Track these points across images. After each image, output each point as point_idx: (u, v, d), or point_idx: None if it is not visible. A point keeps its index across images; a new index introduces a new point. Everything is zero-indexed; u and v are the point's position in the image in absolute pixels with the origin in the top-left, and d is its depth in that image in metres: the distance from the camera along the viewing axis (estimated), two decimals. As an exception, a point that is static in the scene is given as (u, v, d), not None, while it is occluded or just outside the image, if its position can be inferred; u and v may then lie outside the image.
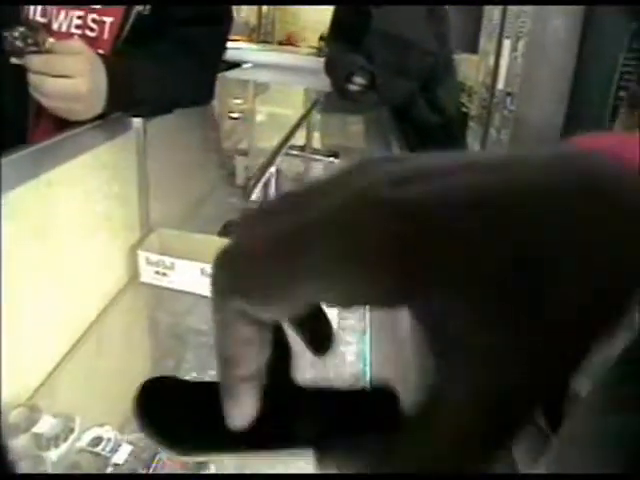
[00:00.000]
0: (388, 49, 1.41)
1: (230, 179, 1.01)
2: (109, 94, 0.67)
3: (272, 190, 0.64)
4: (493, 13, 3.43)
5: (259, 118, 1.98)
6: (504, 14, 3.17)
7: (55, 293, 0.57)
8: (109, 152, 0.68)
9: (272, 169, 0.62)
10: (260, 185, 0.60)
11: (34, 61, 0.64)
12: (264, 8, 4.82)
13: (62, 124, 0.66)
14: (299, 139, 1.18)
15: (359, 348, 0.60)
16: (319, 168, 1.23)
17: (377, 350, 0.60)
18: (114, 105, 0.69)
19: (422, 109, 1.54)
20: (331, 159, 1.24)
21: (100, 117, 0.68)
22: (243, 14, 4.54)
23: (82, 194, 0.63)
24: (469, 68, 2.89)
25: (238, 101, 2.24)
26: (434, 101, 1.57)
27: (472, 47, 3.95)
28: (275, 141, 0.89)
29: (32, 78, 0.64)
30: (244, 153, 1.16)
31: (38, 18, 0.79)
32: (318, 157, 1.25)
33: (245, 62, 2.51)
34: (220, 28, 0.95)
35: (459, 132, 1.72)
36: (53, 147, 0.62)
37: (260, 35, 4.28)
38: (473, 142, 3.48)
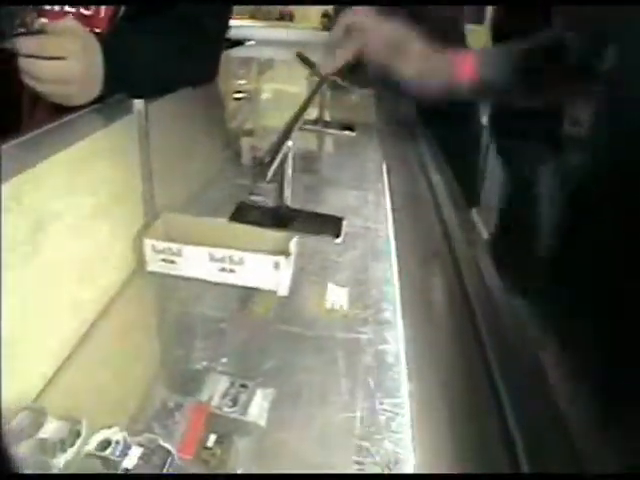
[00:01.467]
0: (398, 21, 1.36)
1: (236, 160, 0.98)
2: (106, 75, 0.64)
3: (289, 168, 0.62)
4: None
5: (264, 97, 1.93)
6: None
7: (58, 286, 0.54)
8: (109, 137, 0.65)
9: (289, 143, 0.59)
10: (276, 164, 0.57)
11: (24, 43, 0.60)
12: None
13: (58, 110, 0.63)
14: (310, 114, 1.14)
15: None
16: (335, 142, 1.19)
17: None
18: (112, 87, 0.66)
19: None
20: (347, 132, 1.19)
21: (98, 100, 0.65)
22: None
23: (82, 181, 0.60)
24: (475, 39, 2.83)
25: (242, 81, 2.20)
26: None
27: (479, 17, 3.87)
28: (281, 120, 0.85)
29: (22, 62, 0.60)
30: (250, 133, 1.13)
31: None
32: (333, 131, 1.20)
33: (248, 40, 2.47)
34: (222, 5, 0.91)
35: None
36: (50, 134, 0.59)
37: (261, 12, 4.22)
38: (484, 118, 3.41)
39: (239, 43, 2.33)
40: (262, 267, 0.58)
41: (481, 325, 0.45)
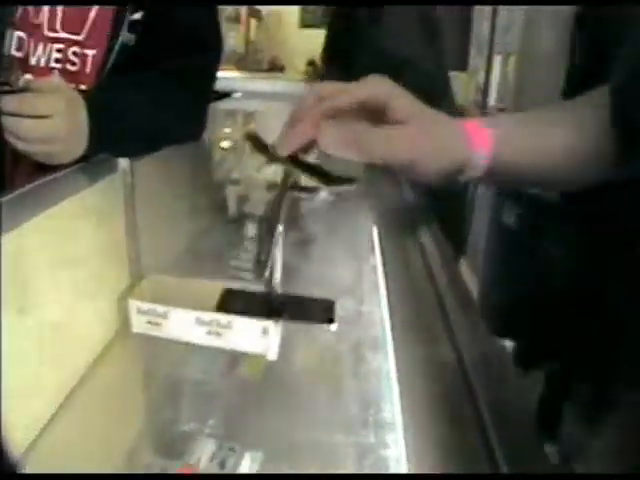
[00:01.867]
0: (383, 70, 1.37)
1: (223, 211, 0.97)
2: (91, 134, 0.63)
3: (279, 253, 0.57)
4: (482, 28, 3.43)
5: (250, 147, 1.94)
6: (493, 29, 3.17)
7: (40, 347, 0.52)
8: (94, 196, 0.64)
9: (279, 228, 0.56)
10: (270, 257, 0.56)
11: (7, 102, 0.59)
12: (251, 36, 4.83)
13: (42, 169, 0.62)
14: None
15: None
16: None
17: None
18: (97, 146, 0.65)
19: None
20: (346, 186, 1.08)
21: (82, 160, 0.64)
22: (231, 42, 4.56)
23: (66, 242, 0.59)
24: (458, 86, 2.89)
25: (228, 130, 2.22)
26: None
27: (461, 64, 3.96)
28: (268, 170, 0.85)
29: (5, 120, 0.59)
30: (236, 182, 1.12)
31: (14, 53, 0.75)
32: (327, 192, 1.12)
33: (234, 91, 2.50)
34: (210, 57, 0.91)
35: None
36: (33, 194, 0.58)
37: (248, 63, 4.29)
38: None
39: (226, 95, 2.36)
40: (250, 332, 0.56)
41: (487, 420, 0.43)
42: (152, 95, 0.76)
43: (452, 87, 1.66)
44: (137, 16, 0.79)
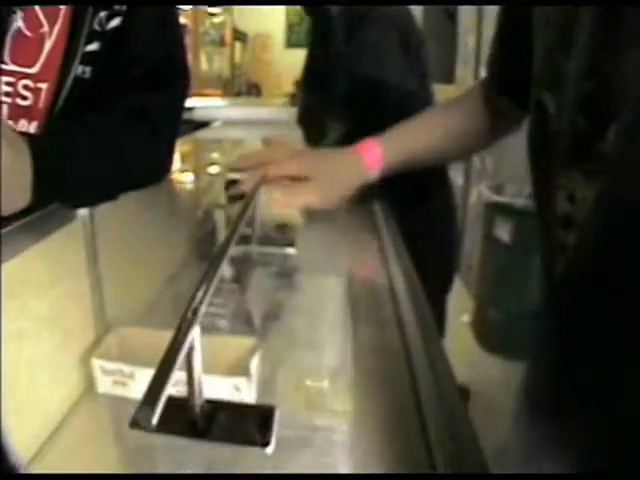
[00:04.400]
0: (362, 93, 1.34)
1: (201, 247, 0.92)
2: (35, 183, 0.57)
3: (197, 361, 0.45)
4: (468, 41, 3.42)
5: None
6: (479, 41, 3.16)
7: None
8: (52, 247, 0.59)
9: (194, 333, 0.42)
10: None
11: None
12: (236, 59, 4.83)
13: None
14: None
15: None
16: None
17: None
18: (42, 196, 0.59)
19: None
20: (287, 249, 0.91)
21: (29, 211, 0.58)
22: (216, 66, 4.54)
23: (25, 295, 0.55)
24: (445, 99, 2.89)
25: (215, 155, 2.19)
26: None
27: (448, 77, 3.96)
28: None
29: None
30: (223, 206, 1.10)
31: None
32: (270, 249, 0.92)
33: (214, 120, 2.47)
34: (174, 91, 0.85)
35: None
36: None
37: (234, 86, 4.26)
38: (455, 173, 3.44)
39: (204, 125, 2.32)
40: (222, 390, 0.52)
41: None
42: (108, 137, 0.70)
43: (436, 101, 1.63)
44: (93, 47, 0.74)
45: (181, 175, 1.76)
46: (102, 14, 0.74)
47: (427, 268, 0.92)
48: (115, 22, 0.75)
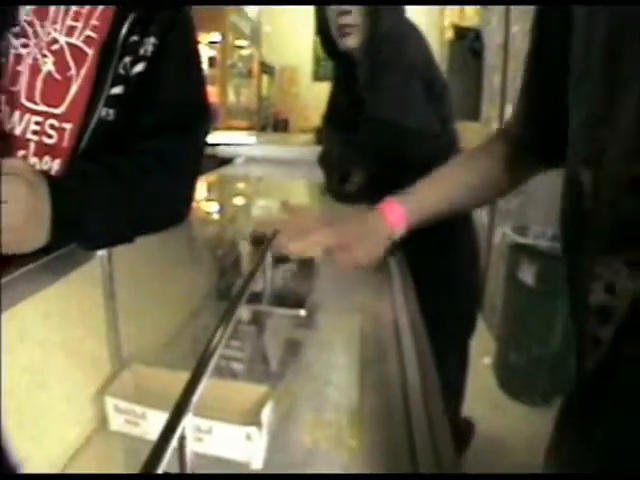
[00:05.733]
0: (385, 138, 1.32)
1: (234, 270, 0.92)
2: (53, 224, 0.58)
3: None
4: (493, 78, 3.43)
5: (262, 203, 1.93)
6: (504, 79, 3.17)
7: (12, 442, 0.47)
8: (70, 285, 0.60)
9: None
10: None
11: None
12: (263, 92, 4.88)
13: (9, 260, 0.57)
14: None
15: None
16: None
17: None
18: (59, 238, 0.60)
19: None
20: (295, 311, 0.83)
21: (47, 250, 0.59)
22: (243, 99, 4.61)
23: (42, 332, 0.55)
24: (470, 136, 2.88)
25: (241, 185, 2.21)
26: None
27: (473, 114, 3.96)
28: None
29: None
30: (249, 239, 1.10)
31: None
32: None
33: (238, 156, 2.49)
34: (196, 134, 0.86)
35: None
36: (4, 287, 0.54)
37: (261, 119, 4.31)
38: (481, 212, 3.41)
39: (228, 161, 2.34)
40: (232, 438, 0.51)
41: None
42: (127, 183, 0.71)
43: (461, 140, 1.62)
44: (117, 90, 0.76)
45: (207, 205, 1.77)
46: (127, 59, 0.76)
47: (450, 312, 0.90)
48: (139, 67, 0.77)
